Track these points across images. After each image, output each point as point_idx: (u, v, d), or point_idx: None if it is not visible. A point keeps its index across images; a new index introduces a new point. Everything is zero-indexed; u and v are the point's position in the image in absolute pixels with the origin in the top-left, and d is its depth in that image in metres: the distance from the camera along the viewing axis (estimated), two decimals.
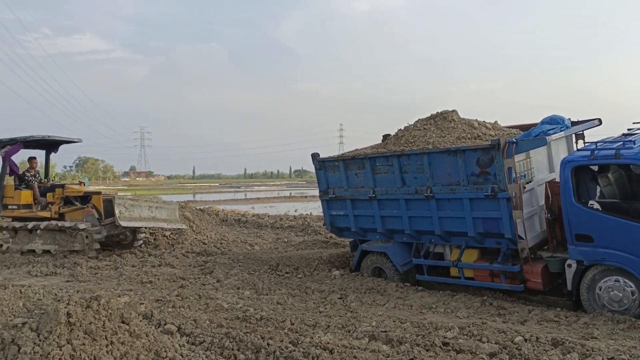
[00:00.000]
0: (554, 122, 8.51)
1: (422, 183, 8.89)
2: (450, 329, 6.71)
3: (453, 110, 9.75)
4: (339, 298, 8.57)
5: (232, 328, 6.57)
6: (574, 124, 9.06)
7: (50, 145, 14.78)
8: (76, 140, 15.17)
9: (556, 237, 8.12)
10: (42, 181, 14.33)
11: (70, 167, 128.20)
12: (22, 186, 13.75)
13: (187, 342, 6.00)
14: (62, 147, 15.14)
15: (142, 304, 7.94)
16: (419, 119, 10.00)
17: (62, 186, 13.98)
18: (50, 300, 6.30)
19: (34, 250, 12.99)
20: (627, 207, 7.29)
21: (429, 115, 9.91)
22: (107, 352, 5.12)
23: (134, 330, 5.52)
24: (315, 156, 10.44)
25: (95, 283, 9.64)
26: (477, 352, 5.87)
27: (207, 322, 6.75)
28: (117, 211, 12.43)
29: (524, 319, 7.38)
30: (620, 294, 7.21)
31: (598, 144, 7.65)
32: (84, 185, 14.50)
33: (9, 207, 13.55)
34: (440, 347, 6.08)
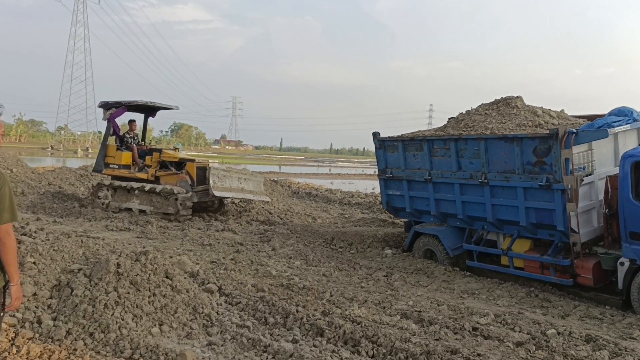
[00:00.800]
0: (622, 114, 8.13)
1: (478, 169, 8.80)
2: (485, 315, 6.73)
3: (517, 96, 9.50)
4: (383, 275, 8.74)
5: (272, 294, 6.93)
6: None
7: (149, 110, 15.62)
8: (174, 107, 15.99)
9: (612, 234, 7.83)
10: (140, 143, 15.14)
11: (166, 132, 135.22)
12: (123, 147, 14.61)
13: (225, 302, 6.43)
14: (159, 113, 15.99)
15: (198, 264, 8.51)
16: (482, 104, 9.84)
17: (160, 151, 14.71)
18: (106, 251, 6.91)
19: (131, 209, 13.88)
20: None
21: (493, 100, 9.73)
22: (148, 302, 5.63)
23: (175, 285, 6.00)
24: (375, 135, 10.55)
25: (162, 241, 10.34)
26: (505, 340, 5.89)
27: (249, 286, 7.14)
28: (211, 181, 13.04)
29: (566, 313, 7.25)
30: None
31: None
32: (178, 150, 15.12)
33: (110, 166, 14.53)
34: (469, 331, 6.14)
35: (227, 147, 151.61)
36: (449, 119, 10.80)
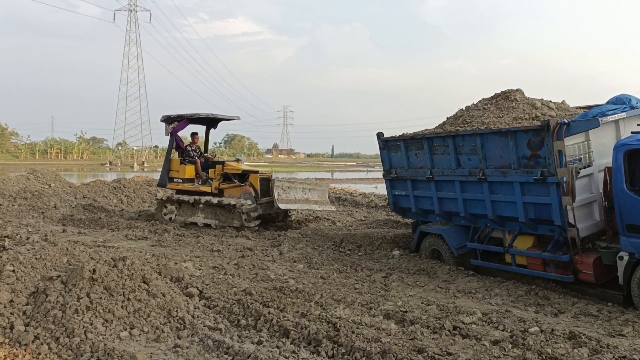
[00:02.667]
0: (619, 102, 7.79)
1: (475, 165, 8.62)
2: (471, 314, 6.59)
3: (517, 89, 9.23)
4: (382, 277, 8.66)
5: (261, 296, 7.00)
6: None
7: (211, 122, 15.67)
8: (235, 118, 16.03)
9: (613, 227, 7.48)
10: (203, 155, 15.07)
11: (219, 143, 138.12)
12: (186, 160, 14.58)
13: (203, 305, 6.56)
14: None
15: (200, 269, 8.70)
16: (482, 98, 9.62)
17: (222, 163, 14.40)
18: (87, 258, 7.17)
19: (196, 223, 13.76)
20: None
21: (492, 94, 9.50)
22: (121, 306, 5.82)
23: (152, 290, 6.17)
24: (379, 135, 10.48)
25: (173, 248, 10.60)
26: (482, 339, 5.76)
27: (235, 289, 7.24)
28: (275, 193, 12.80)
29: (560, 311, 7.00)
30: None
31: None
32: (241, 162, 14.89)
33: (174, 180, 14.55)
34: (448, 330, 6.03)
35: (279, 155, 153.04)
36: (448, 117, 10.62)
